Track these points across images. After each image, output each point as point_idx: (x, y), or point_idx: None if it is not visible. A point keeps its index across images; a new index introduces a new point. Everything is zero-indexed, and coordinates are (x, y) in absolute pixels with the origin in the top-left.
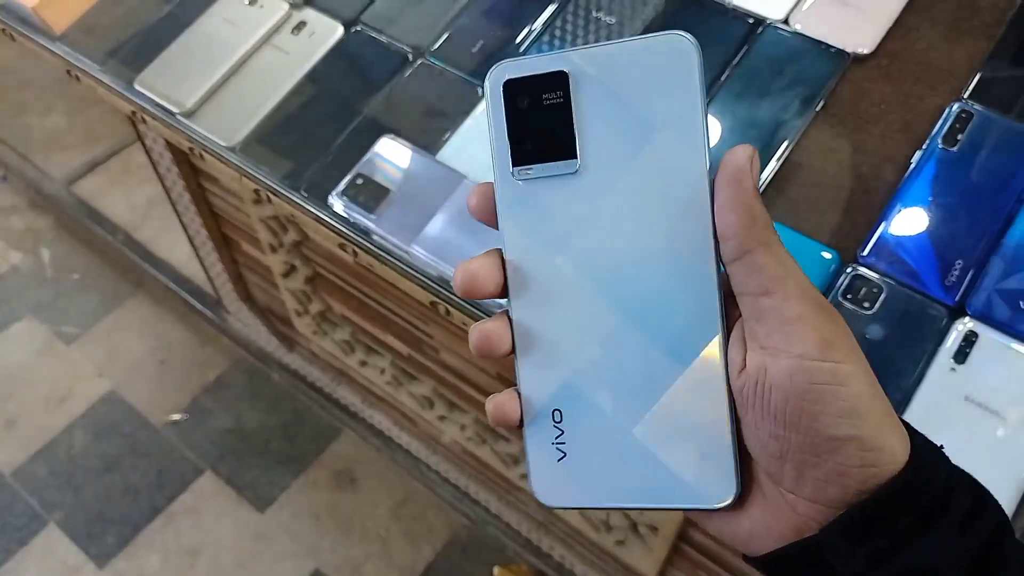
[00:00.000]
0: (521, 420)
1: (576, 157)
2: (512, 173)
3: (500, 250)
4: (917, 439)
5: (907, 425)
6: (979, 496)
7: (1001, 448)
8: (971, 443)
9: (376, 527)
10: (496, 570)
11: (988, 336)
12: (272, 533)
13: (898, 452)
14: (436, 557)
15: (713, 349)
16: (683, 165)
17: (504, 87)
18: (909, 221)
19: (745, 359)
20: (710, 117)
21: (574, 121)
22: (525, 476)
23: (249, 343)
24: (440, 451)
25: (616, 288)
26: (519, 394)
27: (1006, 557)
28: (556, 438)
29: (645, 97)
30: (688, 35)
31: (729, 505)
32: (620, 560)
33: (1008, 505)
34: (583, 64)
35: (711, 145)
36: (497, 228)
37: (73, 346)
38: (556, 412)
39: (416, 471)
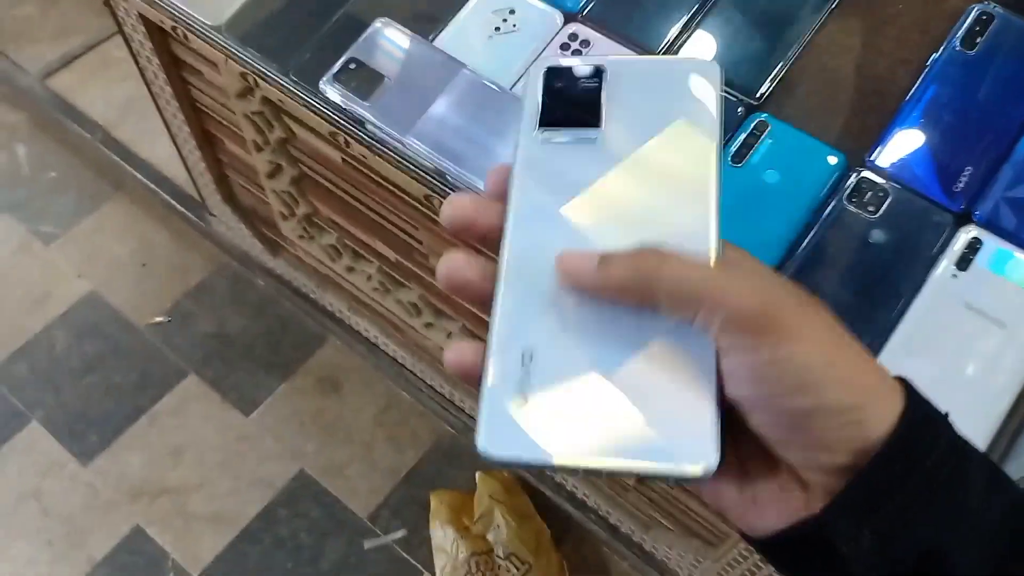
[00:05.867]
0: (481, 370)
1: (600, 127)
2: (535, 134)
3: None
4: (914, 399)
5: (909, 387)
6: (994, 469)
7: (1000, 355)
8: (970, 349)
9: (360, 432)
10: (478, 475)
11: (993, 244)
12: (257, 435)
13: (884, 411)
14: (419, 462)
15: None
16: (695, 153)
17: (546, 71)
18: (920, 126)
19: None
20: (724, 13)
21: (603, 99)
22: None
23: (233, 248)
24: (425, 359)
25: (614, 241)
26: (491, 333)
27: None
28: (521, 380)
29: (669, 99)
30: (716, 62)
31: (704, 475)
32: None
33: (1002, 411)
34: (620, 66)
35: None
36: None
37: (52, 246)
38: (527, 354)
39: (401, 378)
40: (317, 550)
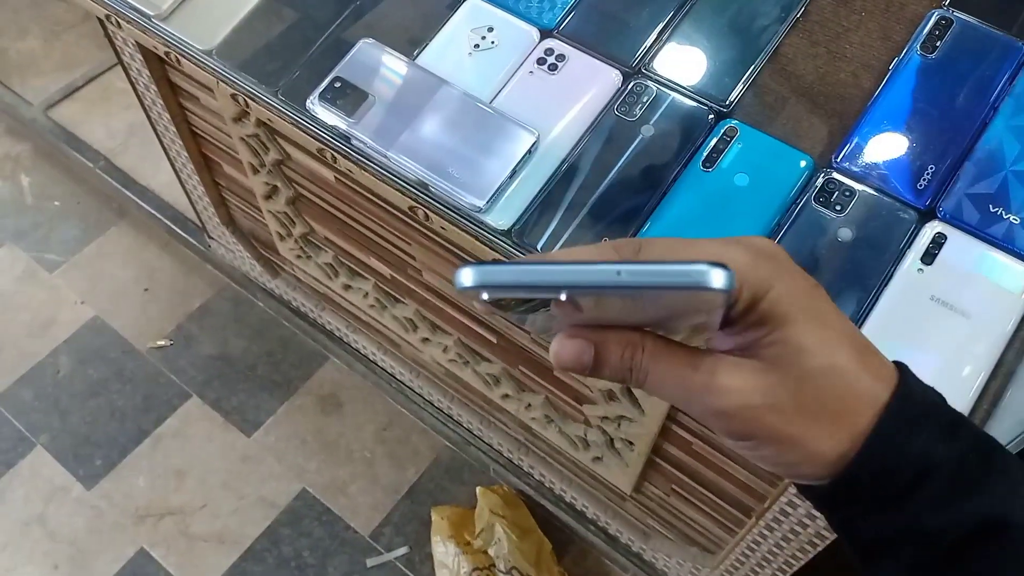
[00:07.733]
0: None
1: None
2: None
3: None
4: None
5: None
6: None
7: (966, 345)
8: (937, 340)
9: (361, 450)
10: (479, 490)
11: (956, 238)
12: (259, 455)
13: (832, 447)
14: (420, 478)
15: None
16: None
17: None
18: (884, 127)
19: None
20: (694, 25)
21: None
22: (506, 396)
23: (233, 270)
24: (423, 375)
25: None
26: None
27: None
28: None
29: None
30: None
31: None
32: (598, 476)
33: (970, 398)
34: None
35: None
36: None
37: (56, 273)
38: None
39: (400, 395)
40: (320, 569)
